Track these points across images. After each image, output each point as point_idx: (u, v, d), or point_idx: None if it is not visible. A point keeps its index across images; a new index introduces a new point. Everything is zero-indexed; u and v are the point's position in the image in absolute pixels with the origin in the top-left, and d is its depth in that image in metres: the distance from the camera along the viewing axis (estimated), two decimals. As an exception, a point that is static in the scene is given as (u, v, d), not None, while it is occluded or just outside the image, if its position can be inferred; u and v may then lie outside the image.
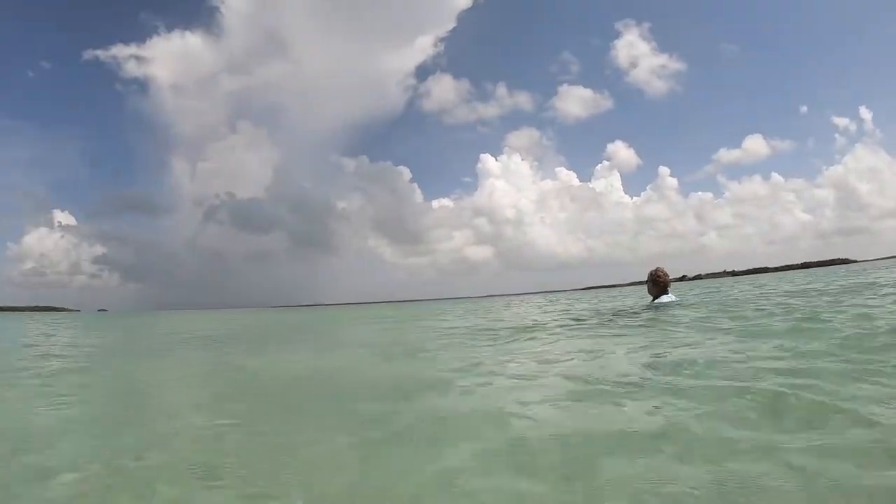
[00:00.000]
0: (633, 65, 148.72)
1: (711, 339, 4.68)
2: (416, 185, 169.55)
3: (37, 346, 10.35)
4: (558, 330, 6.94)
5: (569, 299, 24.56)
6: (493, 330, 7.87)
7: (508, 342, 6.15)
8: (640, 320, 6.73)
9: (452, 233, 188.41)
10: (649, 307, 7.82)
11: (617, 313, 8.21)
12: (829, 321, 4.79)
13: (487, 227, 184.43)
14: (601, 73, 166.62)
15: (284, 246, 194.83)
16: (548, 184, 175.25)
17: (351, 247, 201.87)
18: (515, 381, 3.73)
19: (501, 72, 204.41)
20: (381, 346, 7.89)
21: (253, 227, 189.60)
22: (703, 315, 6.40)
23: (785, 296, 9.54)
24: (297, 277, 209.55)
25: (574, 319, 8.36)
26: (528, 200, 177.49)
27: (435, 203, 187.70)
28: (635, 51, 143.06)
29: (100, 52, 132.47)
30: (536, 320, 9.25)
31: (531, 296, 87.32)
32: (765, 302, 8.02)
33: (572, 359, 4.47)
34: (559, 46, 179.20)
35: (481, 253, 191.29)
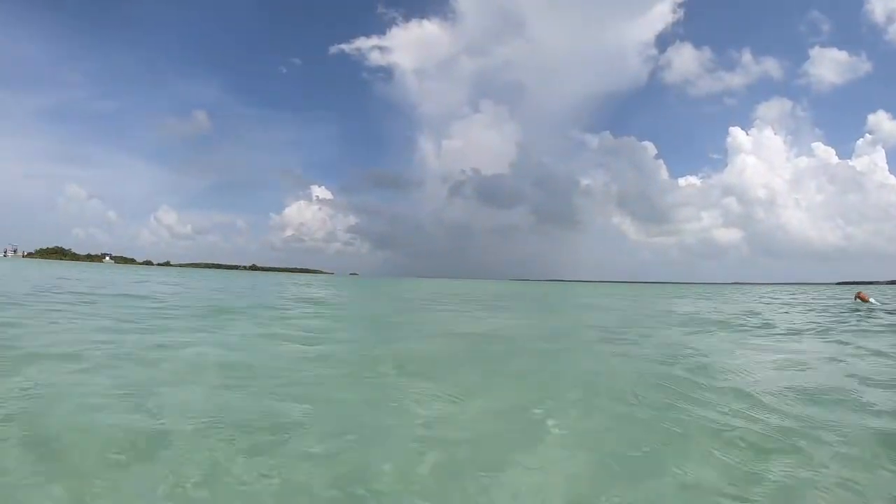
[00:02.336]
0: (891, 19, 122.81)
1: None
2: (661, 161, 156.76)
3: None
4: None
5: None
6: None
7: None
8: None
9: (700, 212, 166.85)
10: None
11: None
12: None
13: (737, 208, 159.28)
14: (856, 32, 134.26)
15: (527, 221, 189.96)
16: (803, 161, 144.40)
17: (594, 223, 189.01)
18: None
19: (744, 37, 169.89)
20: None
21: (497, 202, 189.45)
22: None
23: None
24: (540, 252, 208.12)
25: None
26: (780, 180, 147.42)
27: (682, 180, 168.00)
28: (893, 2, 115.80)
29: (345, 46, 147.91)
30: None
31: (781, 287, 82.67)
32: None
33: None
34: (806, 4, 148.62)
35: (729, 236, 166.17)
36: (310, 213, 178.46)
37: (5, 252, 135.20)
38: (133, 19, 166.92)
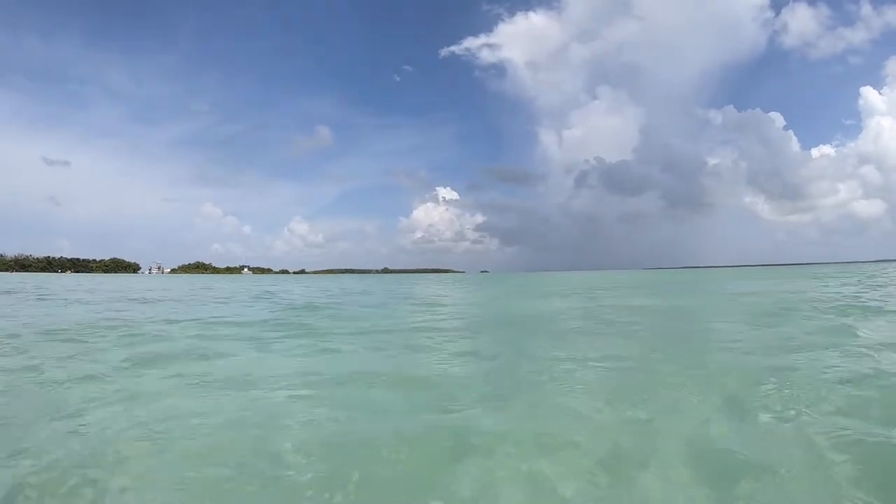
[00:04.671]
0: None
1: None
2: (790, 132, 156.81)
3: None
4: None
5: None
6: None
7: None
8: None
9: (837, 185, 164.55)
10: None
11: None
12: None
13: (876, 177, 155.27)
14: None
15: (657, 206, 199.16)
16: None
17: (725, 205, 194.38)
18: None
19: None
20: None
21: (624, 190, 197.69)
22: None
23: None
24: (670, 238, 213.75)
25: None
26: None
27: (814, 151, 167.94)
28: None
29: (454, 48, 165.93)
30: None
31: None
32: None
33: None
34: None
35: (870, 208, 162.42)
36: (437, 214, 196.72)
37: (150, 269, 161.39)
38: (245, 49, 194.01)
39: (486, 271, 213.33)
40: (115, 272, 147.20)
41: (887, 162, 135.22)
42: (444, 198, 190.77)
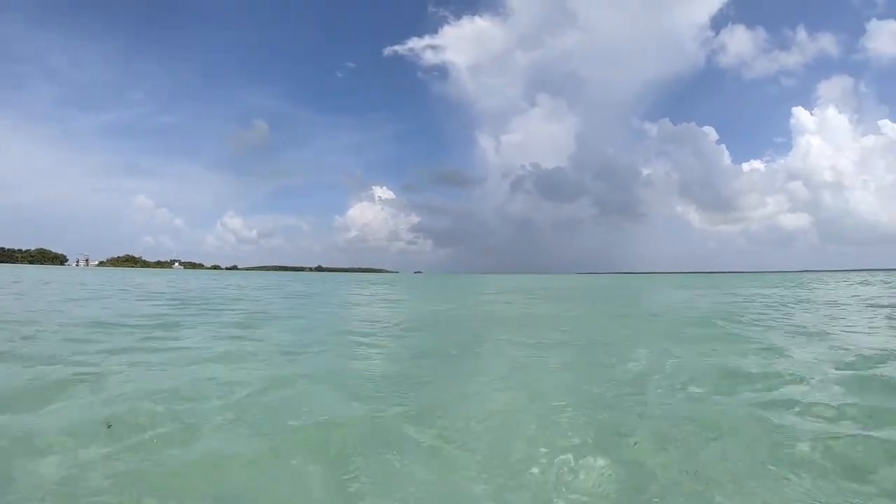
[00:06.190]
0: None
1: None
2: (723, 146, 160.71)
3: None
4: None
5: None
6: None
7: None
8: None
9: (766, 198, 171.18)
10: None
11: None
12: None
13: (804, 192, 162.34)
14: None
15: (590, 213, 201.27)
16: (870, 140, 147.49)
17: (657, 214, 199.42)
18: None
19: (798, 14, 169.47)
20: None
21: (558, 196, 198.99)
22: None
23: None
24: (605, 244, 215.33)
25: None
26: (847, 160, 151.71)
27: (745, 166, 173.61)
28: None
29: (398, 48, 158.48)
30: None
31: (857, 273, 79.95)
32: None
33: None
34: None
35: (797, 221, 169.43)
36: (372, 213, 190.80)
37: (77, 262, 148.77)
38: (187, 38, 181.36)
39: (419, 272, 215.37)
40: (41, 263, 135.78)
41: (814, 178, 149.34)
42: (380, 197, 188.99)
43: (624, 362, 5.42)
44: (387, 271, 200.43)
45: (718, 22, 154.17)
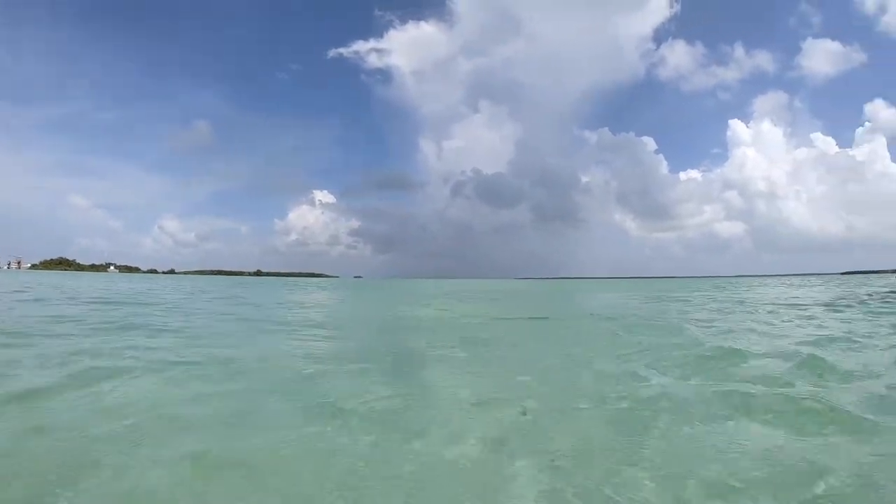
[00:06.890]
0: (883, 9, 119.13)
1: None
2: (661, 156, 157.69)
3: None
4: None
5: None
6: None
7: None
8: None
9: (702, 207, 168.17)
10: None
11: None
12: None
13: (739, 201, 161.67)
14: (847, 23, 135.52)
15: (529, 219, 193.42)
16: (802, 152, 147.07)
17: (596, 221, 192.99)
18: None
19: (736, 31, 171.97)
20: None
21: (498, 202, 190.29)
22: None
23: None
24: (542, 250, 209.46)
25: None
26: (781, 171, 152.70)
27: (682, 175, 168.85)
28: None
29: (342, 50, 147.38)
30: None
31: (787, 278, 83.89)
32: None
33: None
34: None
35: (732, 229, 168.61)
36: (312, 217, 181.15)
37: (9, 264, 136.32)
38: (132, 33, 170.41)
39: (359, 277, 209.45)
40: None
41: (749, 188, 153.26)
42: (320, 201, 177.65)
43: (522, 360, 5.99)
44: (327, 275, 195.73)
45: (660, 35, 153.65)
